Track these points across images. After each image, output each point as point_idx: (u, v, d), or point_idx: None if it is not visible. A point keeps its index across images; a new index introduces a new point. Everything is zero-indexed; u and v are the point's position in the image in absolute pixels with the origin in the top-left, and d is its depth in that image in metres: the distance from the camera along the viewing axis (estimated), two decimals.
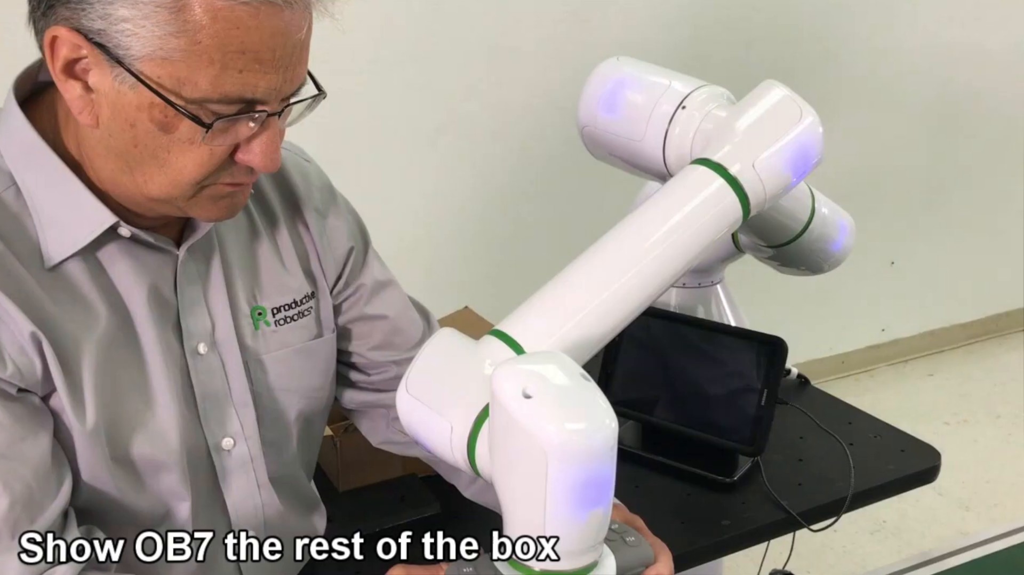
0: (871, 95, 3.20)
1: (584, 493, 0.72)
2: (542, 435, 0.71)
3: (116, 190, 0.83)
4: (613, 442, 0.73)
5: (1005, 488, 2.90)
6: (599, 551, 0.78)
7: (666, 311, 1.53)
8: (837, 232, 1.43)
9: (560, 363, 0.76)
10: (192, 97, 0.75)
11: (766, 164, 0.96)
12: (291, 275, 0.98)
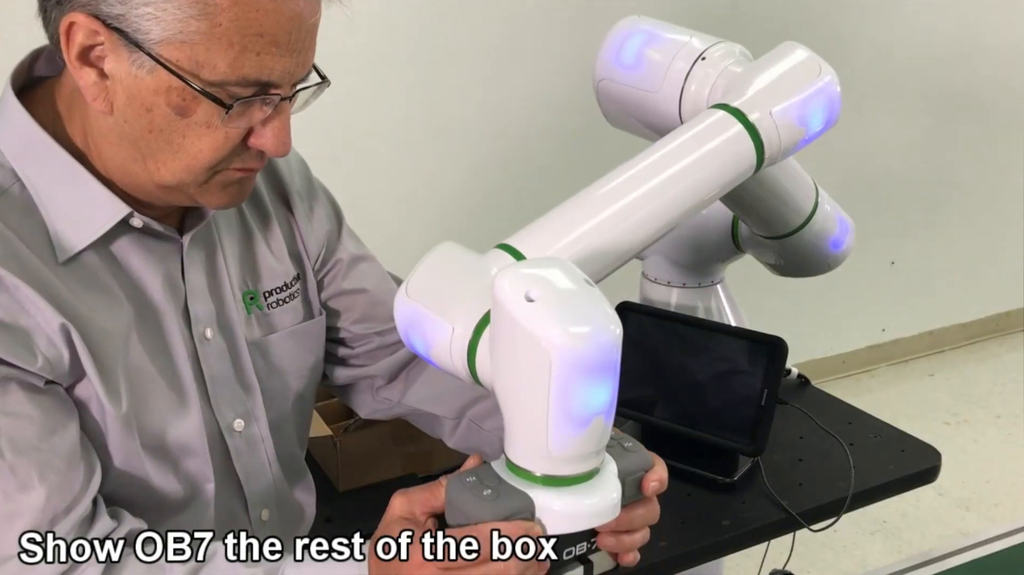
0: (871, 95, 3.20)
1: (586, 398, 0.71)
2: (545, 338, 0.69)
3: (125, 179, 0.84)
4: (617, 347, 0.71)
5: (1005, 488, 2.90)
6: (601, 457, 0.77)
7: (666, 311, 1.53)
8: (837, 229, 1.43)
9: (564, 268, 0.74)
10: (211, 80, 0.76)
11: (784, 114, 0.98)
12: (279, 259, 1.00)
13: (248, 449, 0.97)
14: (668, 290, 1.59)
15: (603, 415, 0.73)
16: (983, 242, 3.63)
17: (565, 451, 0.73)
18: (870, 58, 3.14)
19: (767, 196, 1.33)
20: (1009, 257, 3.73)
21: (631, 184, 0.96)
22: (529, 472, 0.75)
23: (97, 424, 0.85)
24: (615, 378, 0.73)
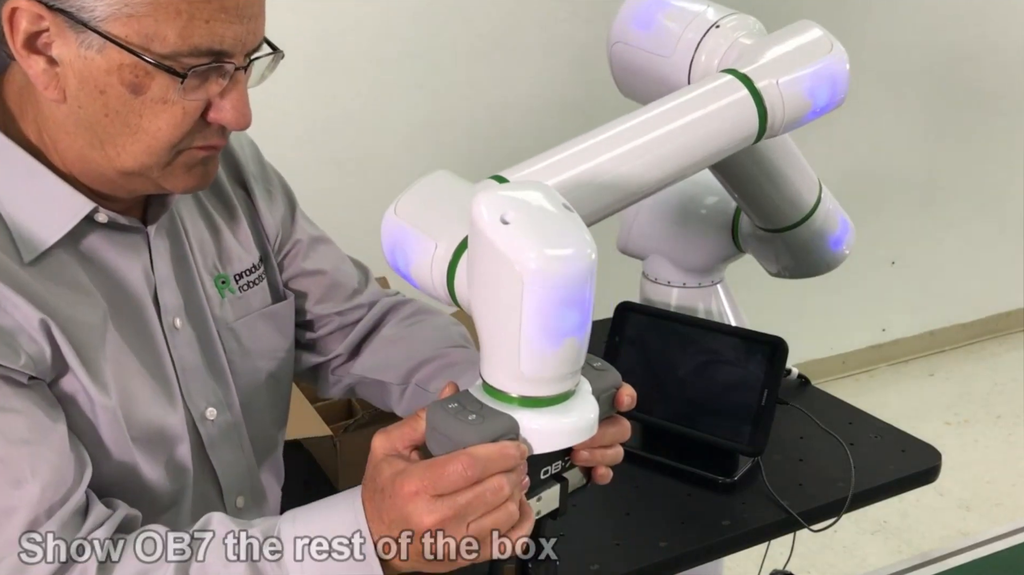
0: (872, 95, 3.20)
1: (559, 322, 0.71)
2: (518, 260, 0.69)
3: (85, 171, 0.83)
4: (591, 272, 0.72)
5: (1006, 488, 2.90)
6: (577, 378, 0.78)
7: (666, 311, 1.53)
8: (839, 228, 1.43)
9: (544, 192, 0.74)
10: (162, 52, 0.75)
11: (791, 84, 0.99)
12: (244, 243, 1.00)
13: (221, 437, 0.97)
14: (668, 290, 1.59)
15: (576, 337, 0.73)
16: (983, 242, 3.63)
17: (537, 372, 0.74)
18: (871, 58, 3.14)
19: (770, 185, 1.33)
20: (1009, 257, 3.73)
21: (630, 133, 0.96)
22: (506, 394, 0.76)
23: (87, 418, 0.84)
24: (588, 302, 0.73)
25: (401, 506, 0.74)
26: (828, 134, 3.09)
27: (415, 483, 0.73)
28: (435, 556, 0.74)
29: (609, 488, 1.37)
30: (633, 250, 1.62)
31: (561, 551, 1.23)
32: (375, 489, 0.77)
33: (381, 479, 0.77)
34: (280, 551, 0.77)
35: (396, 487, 0.74)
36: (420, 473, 0.74)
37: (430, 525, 0.73)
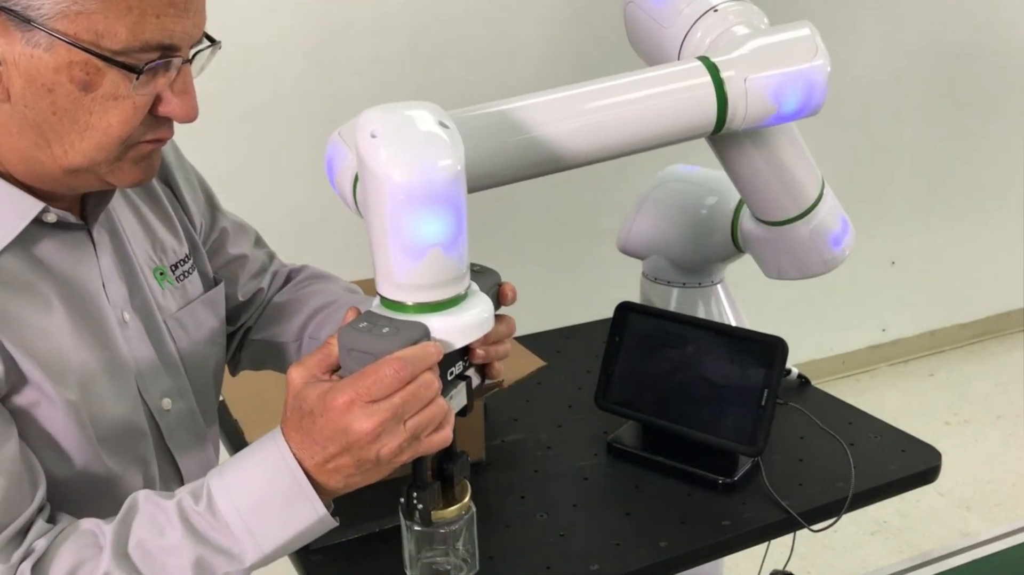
0: (872, 94, 3.20)
1: (420, 232, 0.75)
2: (379, 171, 0.73)
3: (27, 171, 0.81)
4: (453, 183, 0.75)
5: (1006, 488, 2.90)
6: (466, 282, 0.82)
7: (666, 311, 1.53)
8: (839, 226, 1.42)
9: (425, 109, 0.77)
10: (114, 48, 0.74)
11: (757, 83, 0.99)
12: (175, 234, 1.01)
13: (179, 427, 0.97)
14: (668, 290, 1.59)
15: (440, 247, 0.76)
16: (983, 242, 3.63)
17: (410, 280, 0.78)
18: (871, 57, 3.14)
19: (773, 174, 1.32)
20: (1009, 257, 3.73)
21: (581, 98, 0.97)
22: (404, 303, 0.79)
23: (46, 428, 0.83)
24: (452, 214, 0.76)
25: (336, 419, 0.75)
26: (828, 134, 3.09)
27: (347, 394, 0.75)
28: (377, 461, 0.76)
29: (609, 488, 1.38)
30: (633, 250, 1.62)
31: (561, 551, 1.23)
32: (302, 415, 0.77)
33: (308, 403, 0.77)
34: (213, 502, 0.77)
35: (328, 403, 0.75)
36: (350, 384, 0.75)
37: (370, 430, 0.74)
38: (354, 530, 1.25)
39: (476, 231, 2.65)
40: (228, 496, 0.78)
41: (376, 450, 0.76)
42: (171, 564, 0.76)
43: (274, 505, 0.77)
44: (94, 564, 0.76)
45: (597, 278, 2.65)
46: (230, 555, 0.77)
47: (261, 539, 0.78)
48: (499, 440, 1.49)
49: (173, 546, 0.76)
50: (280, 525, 0.78)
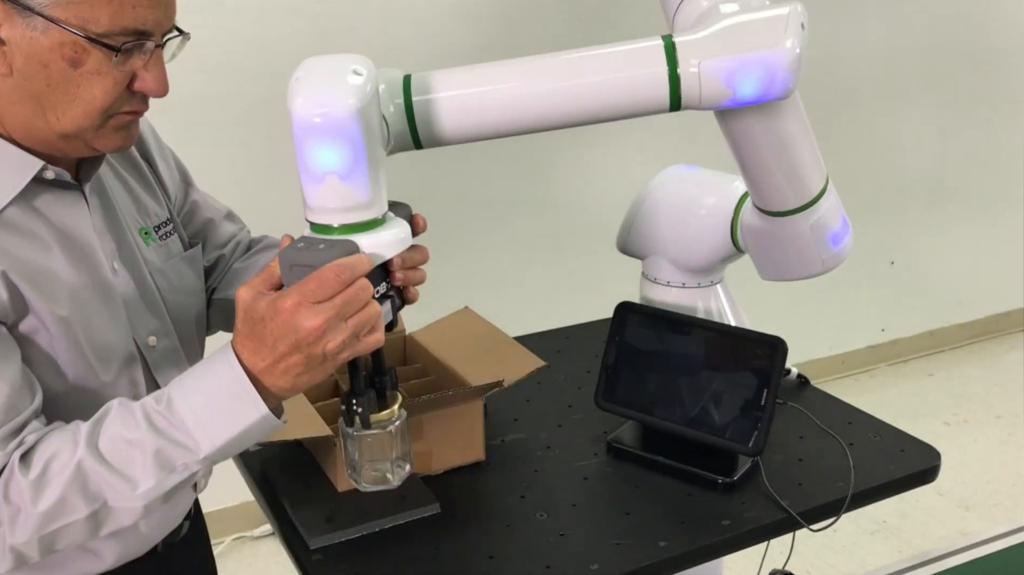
0: (872, 94, 3.20)
1: (316, 158, 0.89)
2: (289, 106, 0.88)
3: (28, 136, 0.96)
4: (347, 120, 0.88)
5: (1005, 488, 2.90)
6: (382, 208, 0.95)
7: (666, 311, 1.53)
8: (839, 223, 1.42)
9: (350, 59, 0.91)
10: (97, 32, 0.89)
11: (711, 69, 0.99)
12: (156, 200, 1.14)
13: (164, 361, 1.08)
14: (668, 290, 1.59)
15: (336, 175, 0.89)
16: (983, 242, 3.63)
17: (319, 203, 0.91)
18: (871, 57, 3.14)
19: (778, 160, 1.32)
20: (1009, 257, 3.74)
21: (552, 67, 1.03)
22: (330, 226, 0.93)
23: (46, 352, 0.96)
24: (346, 146, 0.88)
25: (286, 320, 0.86)
26: (828, 134, 3.09)
27: (295, 297, 0.86)
28: (323, 358, 0.87)
29: (609, 488, 1.38)
30: (633, 250, 1.62)
31: (561, 551, 1.23)
32: (252, 323, 0.88)
33: (259, 311, 0.88)
34: (172, 403, 0.90)
35: (277, 308, 0.87)
36: (297, 289, 0.87)
37: (317, 326, 0.86)
38: (354, 530, 1.25)
39: (477, 231, 2.66)
40: (184, 398, 0.90)
41: (322, 346, 0.87)
42: (135, 455, 0.89)
43: (222, 404, 0.89)
44: (70, 453, 0.88)
45: (597, 278, 2.65)
46: (186, 448, 0.89)
47: (212, 433, 0.89)
48: (499, 440, 1.49)
49: (137, 440, 0.89)
50: (228, 421, 0.89)
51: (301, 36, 2.33)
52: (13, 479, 0.87)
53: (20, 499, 0.87)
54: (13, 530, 0.88)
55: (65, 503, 0.88)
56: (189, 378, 0.92)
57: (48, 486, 0.87)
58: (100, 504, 0.89)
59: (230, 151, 2.38)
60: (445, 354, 1.53)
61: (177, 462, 0.89)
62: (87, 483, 0.88)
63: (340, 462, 1.32)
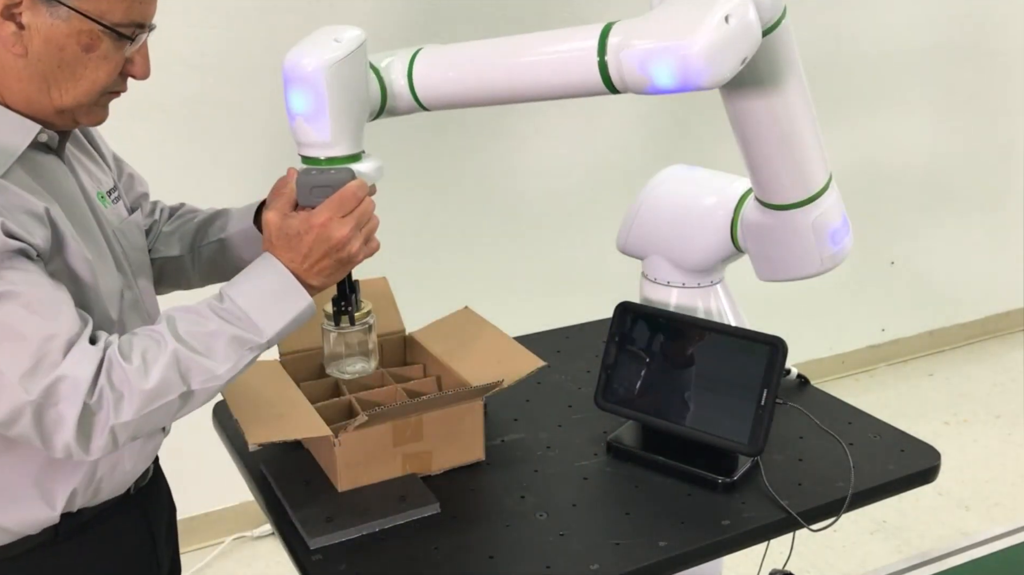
0: (872, 94, 3.20)
1: (288, 102, 1.13)
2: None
3: (27, 108, 1.05)
4: (311, 72, 1.11)
5: (1005, 488, 2.90)
6: (358, 145, 1.16)
7: (666, 311, 1.53)
8: (840, 222, 1.42)
9: (340, 29, 1.14)
10: (111, 22, 1.02)
11: (628, 57, 1.05)
12: (101, 168, 1.25)
13: (130, 311, 1.18)
14: (668, 290, 1.59)
15: (302, 117, 1.13)
16: (983, 242, 3.63)
17: (302, 139, 1.15)
18: (871, 57, 3.14)
19: (781, 152, 1.32)
20: (1009, 257, 3.74)
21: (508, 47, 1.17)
22: (318, 158, 1.16)
23: (88, 283, 1.08)
24: (308, 94, 1.11)
25: (320, 231, 1.09)
26: (828, 133, 3.09)
27: (326, 213, 1.10)
28: (348, 260, 1.11)
29: (609, 488, 1.38)
30: (633, 250, 1.62)
31: (561, 550, 1.23)
32: (288, 238, 1.10)
33: (292, 228, 1.10)
34: (233, 301, 1.07)
35: (311, 223, 1.09)
36: (327, 207, 1.10)
37: (346, 234, 1.10)
38: (354, 530, 1.25)
39: (477, 231, 2.65)
40: (243, 296, 1.08)
41: (348, 250, 1.11)
42: (216, 343, 1.05)
43: (277, 298, 1.09)
44: (163, 344, 1.03)
45: (597, 278, 2.65)
46: (253, 332, 1.07)
47: (271, 320, 1.08)
48: (499, 440, 1.49)
49: (214, 330, 1.05)
50: (283, 310, 1.09)
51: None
52: (115, 367, 0.99)
53: (125, 383, 0.99)
54: (118, 411, 0.99)
55: (165, 384, 1.01)
56: (242, 282, 1.09)
57: (151, 370, 1.01)
58: (186, 387, 1.03)
59: (230, 147, 2.38)
60: (445, 354, 1.53)
61: (247, 343, 1.06)
62: (180, 366, 1.02)
63: (340, 462, 1.32)
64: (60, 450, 0.98)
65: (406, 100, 1.22)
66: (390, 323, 1.61)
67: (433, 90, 1.21)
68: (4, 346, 0.95)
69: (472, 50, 1.19)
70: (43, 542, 1.12)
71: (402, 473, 1.37)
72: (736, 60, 1.06)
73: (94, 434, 0.98)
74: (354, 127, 1.15)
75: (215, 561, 2.63)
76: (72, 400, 0.96)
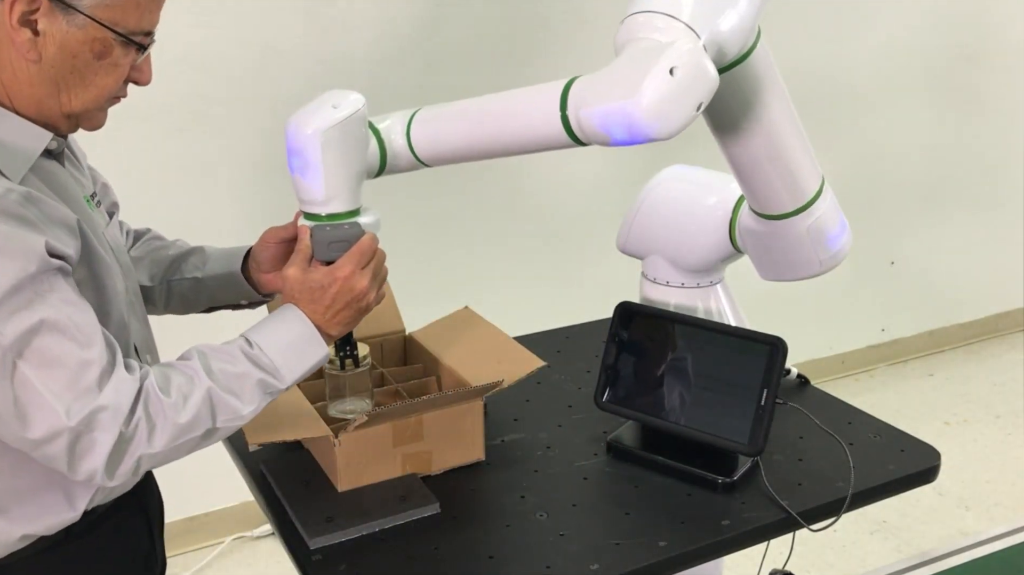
0: (871, 95, 3.20)
1: (290, 164, 1.18)
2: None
3: (35, 113, 1.06)
4: (306, 138, 1.16)
5: (1005, 488, 2.90)
6: (356, 202, 1.21)
7: (666, 311, 1.53)
8: (837, 225, 1.42)
9: (340, 97, 1.19)
10: (125, 30, 1.04)
11: (587, 116, 1.07)
12: (83, 173, 1.25)
13: (130, 309, 1.19)
14: (668, 290, 1.59)
15: (298, 174, 1.19)
16: (982, 242, 3.63)
17: (302, 195, 1.20)
18: (871, 57, 3.14)
19: (772, 165, 1.32)
20: (1009, 257, 3.74)
21: (479, 109, 1.22)
22: (319, 215, 1.21)
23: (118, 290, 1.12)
24: (303, 158, 1.17)
25: (343, 283, 1.16)
26: (828, 134, 3.09)
27: (348, 267, 1.16)
28: (365, 308, 1.18)
29: (609, 488, 1.38)
30: (633, 250, 1.62)
31: (561, 551, 1.23)
32: (312, 290, 1.16)
33: (316, 281, 1.16)
34: (261, 347, 1.12)
35: (335, 275, 1.16)
36: (349, 260, 1.17)
37: (366, 285, 1.17)
38: (354, 530, 1.25)
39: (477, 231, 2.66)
40: (269, 344, 1.12)
41: (367, 299, 1.19)
42: (244, 385, 1.09)
43: (299, 348, 1.14)
44: (197, 380, 1.06)
45: (597, 278, 2.65)
46: (276, 378, 1.12)
47: (292, 367, 1.13)
48: (499, 440, 1.49)
49: (243, 372, 1.09)
50: (303, 359, 1.14)
51: (303, 33, 2.33)
52: (152, 398, 1.02)
53: (160, 414, 1.02)
54: (151, 441, 1.02)
55: (197, 419, 1.04)
56: (269, 332, 1.14)
57: (187, 404, 1.04)
58: (212, 424, 1.06)
59: (230, 149, 2.38)
60: (445, 354, 1.53)
61: (270, 389, 1.11)
62: (212, 403, 1.06)
63: (340, 462, 1.32)
64: (83, 474, 1.00)
65: (406, 158, 1.27)
66: (390, 323, 1.61)
67: (429, 148, 1.26)
68: (44, 372, 0.97)
69: (461, 110, 1.24)
70: (55, 542, 1.12)
71: (402, 473, 1.37)
72: (689, 109, 1.05)
73: (123, 462, 1.01)
74: (352, 186, 1.20)
75: (215, 561, 2.63)
76: (110, 429, 0.98)
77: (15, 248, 0.95)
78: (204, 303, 1.40)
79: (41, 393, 0.96)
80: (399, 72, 2.45)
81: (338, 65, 2.37)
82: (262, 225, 1.35)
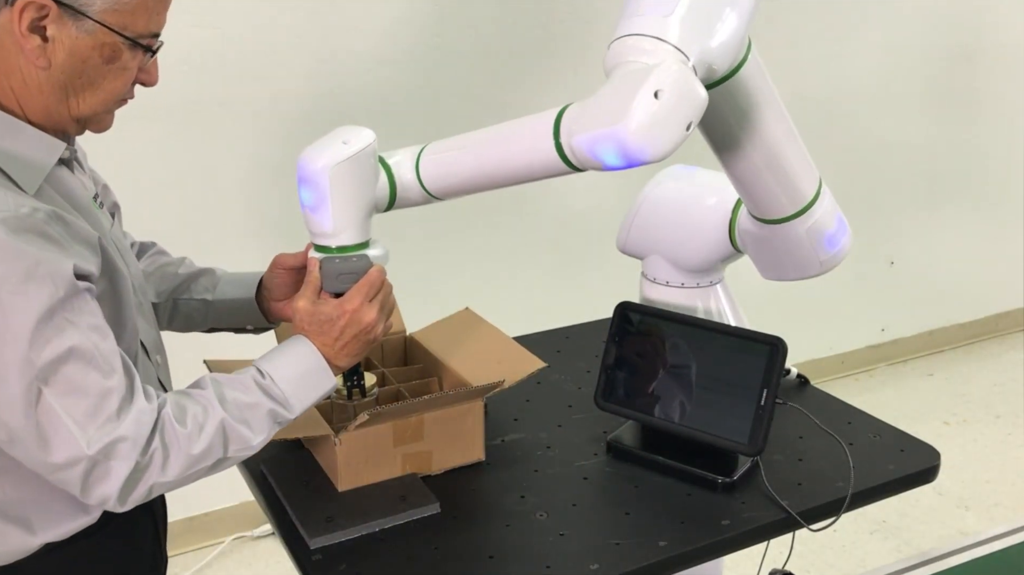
0: (871, 95, 3.20)
1: (302, 197, 1.19)
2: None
3: (45, 119, 1.07)
4: (316, 172, 1.16)
5: (1005, 488, 2.90)
6: (365, 234, 1.22)
7: (666, 311, 1.53)
8: (835, 226, 1.42)
9: (351, 132, 1.20)
10: (134, 34, 1.05)
11: (579, 143, 1.07)
12: (86, 173, 1.25)
13: (139, 311, 1.19)
14: (668, 290, 1.59)
15: (308, 209, 1.20)
16: (983, 242, 3.63)
17: (312, 228, 1.21)
18: (870, 57, 3.14)
19: (769, 172, 1.32)
20: (1009, 257, 3.74)
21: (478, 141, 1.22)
22: (329, 247, 1.21)
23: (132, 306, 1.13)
24: (313, 191, 1.18)
25: (352, 315, 1.17)
26: (827, 134, 3.10)
27: (357, 299, 1.18)
28: (373, 339, 1.19)
29: (609, 488, 1.38)
30: (632, 250, 1.63)
31: (561, 551, 1.23)
32: (321, 323, 1.17)
33: (325, 315, 1.17)
34: (271, 377, 1.13)
35: (344, 308, 1.17)
36: (357, 292, 1.18)
37: (375, 317, 1.19)
38: (354, 530, 1.25)
39: (477, 231, 2.65)
40: (279, 375, 1.14)
41: (375, 331, 1.20)
42: (255, 415, 1.10)
43: (309, 379, 1.16)
44: (211, 411, 1.07)
45: (597, 278, 2.66)
46: (285, 408, 1.13)
47: (301, 398, 1.15)
48: (499, 440, 1.49)
49: (255, 402, 1.11)
50: (312, 390, 1.16)
51: (303, 35, 2.33)
52: (168, 428, 1.04)
53: (175, 445, 1.04)
54: (164, 470, 1.03)
55: (210, 449, 1.06)
56: (280, 363, 1.15)
57: (202, 435, 1.06)
58: (223, 454, 1.08)
59: (236, 151, 2.38)
60: (445, 354, 1.53)
61: (280, 418, 1.13)
62: (225, 434, 1.07)
63: (340, 462, 1.32)
64: (96, 499, 1.01)
65: (416, 191, 1.26)
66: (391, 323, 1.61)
67: (438, 182, 1.25)
68: (68, 400, 0.98)
69: (464, 143, 1.24)
70: (64, 541, 1.13)
71: (402, 473, 1.37)
72: (678, 130, 1.04)
73: (136, 489, 1.02)
74: (361, 219, 1.21)
75: (215, 561, 2.63)
76: (127, 458, 1.00)
77: (44, 273, 0.96)
78: (208, 324, 1.40)
79: (64, 421, 0.97)
80: (400, 72, 2.46)
81: (339, 66, 2.37)
82: (262, 225, 1.35)
